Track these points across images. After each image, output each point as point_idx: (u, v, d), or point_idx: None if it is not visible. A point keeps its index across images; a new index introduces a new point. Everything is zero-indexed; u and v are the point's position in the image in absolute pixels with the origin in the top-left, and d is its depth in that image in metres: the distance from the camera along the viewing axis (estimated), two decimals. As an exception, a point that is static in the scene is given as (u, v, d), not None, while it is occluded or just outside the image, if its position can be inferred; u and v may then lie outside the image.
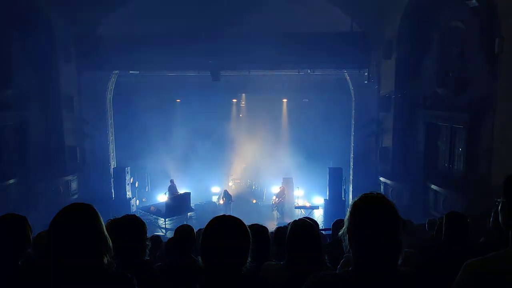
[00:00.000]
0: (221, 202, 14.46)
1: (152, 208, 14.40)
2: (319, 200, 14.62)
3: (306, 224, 2.71)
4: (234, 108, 17.67)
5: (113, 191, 14.30)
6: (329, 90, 14.34)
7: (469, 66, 9.91)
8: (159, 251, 4.94)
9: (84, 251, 1.79)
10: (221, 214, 2.02)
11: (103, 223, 1.89)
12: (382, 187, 12.85)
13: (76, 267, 1.77)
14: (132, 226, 2.77)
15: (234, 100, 17.55)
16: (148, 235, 2.96)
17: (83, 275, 1.78)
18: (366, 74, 13.26)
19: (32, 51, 12.12)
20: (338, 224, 4.47)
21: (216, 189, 16.24)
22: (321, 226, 9.01)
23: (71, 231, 1.79)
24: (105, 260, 1.86)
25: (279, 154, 15.64)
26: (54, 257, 1.79)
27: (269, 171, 15.98)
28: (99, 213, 1.90)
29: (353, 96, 14.28)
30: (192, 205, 14.29)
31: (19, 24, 11.71)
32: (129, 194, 14.34)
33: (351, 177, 14.46)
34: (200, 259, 1.82)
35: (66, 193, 12.83)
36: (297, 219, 2.83)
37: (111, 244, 1.91)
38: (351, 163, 14.56)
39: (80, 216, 1.83)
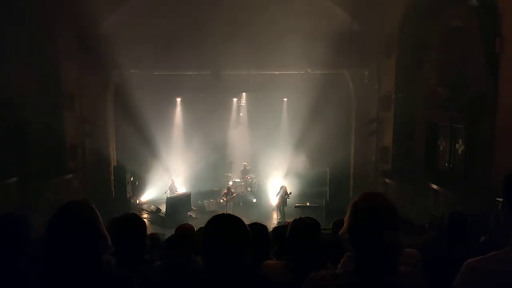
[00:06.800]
0: (222, 200, 14.47)
1: (152, 207, 14.41)
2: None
3: (306, 224, 2.71)
4: (234, 107, 17.67)
5: (113, 190, 14.30)
6: (329, 90, 14.32)
7: (470, 66, 9.91)
8: (158, 249, 4.93)
9: (82, 249, 1.78)
10: (221, 213, 2.03)
11: (101, 219, 1.89)
12: (382, 187, 12.84)
13: (75, 265, 1.77)
14: (132, 225, 2.77)
15: (235, 99, 17.55)
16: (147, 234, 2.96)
17: (82, 273, 1.78)
18: (366, 73, 13.25)
19: (33, 50, 12.12)
20: (338, 223, 4.47)
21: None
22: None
23: (69, 228, 1.78)
24: (104, 258, 1.86)
25: (279, 153, 15.63)
26: (52, 255, 1.79)
27: (269, 170, 15.98)
28: (96, 210, 1.90)
29: (353, 95, 14.27)
30: (192, 204, 14.29)
31: (19, 22, 11.70)
32: (129, 193, 14.34)
33: (351, 177, 14.44)
34: (200, 258, 1.82)
35: (66, 192, 12.82)
36: (297, 218, 2.83)
37: (110, 241, 1.91)
38: (351, 163, 14.55)
39: (77, 213, 1.83)
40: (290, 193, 13.78)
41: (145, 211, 14.39)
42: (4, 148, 11.54)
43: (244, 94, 17.39)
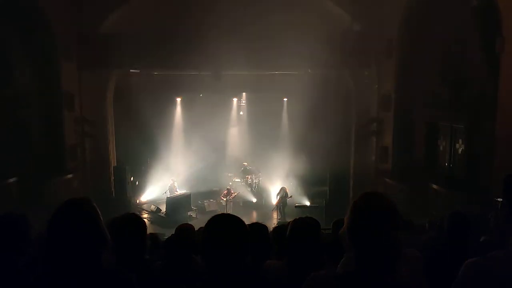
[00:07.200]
0: (222, 200, 14.46)
1: (152, 207, 14.41)
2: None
3: (306, 223, 2.71)
4: (234, 107, 17.67)
5: (113, 190, 14.30)
6: (329, 90, 14.32)
7: (470, 66, 9.91)
8: (158, 249, 4.93)
9: (82, 247, 1.78)
10: (221, 213, 2.03)
11: (101, 217, 1.89)
12: (382, 187, 12.84)
13: (75, 264, 1.77)
14: (132, 225, 2.77)
15: (235, 99, 17.54)
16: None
17: (82, 272, 1.78)
18: (366, 73, 13.25)
19: (33, 50, 12.13)
20: (338, 223, 4.47)
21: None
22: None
23: (69, 226, 1.78)
24: (104, 257, 1.86)
25: (279, 153, 15.63)
26: (53, 252, 1.79)
27: (269, 170, 15.97)
28: (97, 207, 1.90)
29: (353, 95, 14.27)
30: (192, 204, 14.30)
31: (19, 23, 11.71)
32: (129, 193, 14.34)
33: (351, 176, 14.44)
34: (200, 258, 1.82)
35: (66, 192, 12.82)
36: (297, 218, 2.83)
37: (109, 239, 1.91)
38: (351, 163, 14.55)
39: (78, 210, 1.83)
40: (291, 196, 13.82)
41: (145, 211, 14.39)
42: (4, 148, 11.55)
43: (244, 94, 17.39)
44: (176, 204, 13.52)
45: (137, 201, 15.09)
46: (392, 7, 11.84)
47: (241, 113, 17.62)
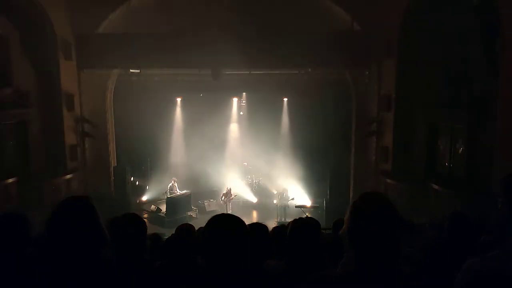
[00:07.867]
0: (222, 201, 14.45)
1: (152, 207, 14.40)
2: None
3: (306, 223, 2.71)
4: (234, 107, 17.65)
5: (113, 190, 14.29)
6: (329, 90, 14.32)
7: (470, 66, 9.91)
8: (158, 249, 4.93)
9: (80, 242, 1.79)
10: (221, 213, 2.03)
11: (99, 214, 1.90)
12: (382, 187, 12.84)
13: (74, 260, 1.77)
14: (132, 225, 2.77)
15: (235, 98, 17.52)
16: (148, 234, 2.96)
17: (81, 271, 1.78)
18: (366, 73, 13.24)
19: (32, 49, 12.14)
20: (338, 223, 4.47)
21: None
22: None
23: (68, 222, 1.79)
24: (104, 256, 1.86)
25: (280, 153, 15.63)
26: (52, 249, 1.79)
27: (269, 170, 15.97)
28: (95, 205, 1.91)
29: (353, 95, 14.27)
30: (192, 204, 14.29)
31: (19, 22, 11.72)
32: (129, 193, 14.33)
33: (351, 177, 14.44)
34: (199, 258, 1.82)
35: (66, 192, 12.83)
36: (297, 218, 2.83)
37: (108, 236, 1.91)
38: (351, 163, 14.55)
39: (76, 207, 1.84)
40: (292, 198, 13.83)
41: (145, 211, 14.39)
42: (4, 148, 11.55)
43: (244, 93, 17.38)
44: (176, 204, 13.52)
45: (137, 201, 15.09)
46: (392, 7, 11.84)
47: (241, 113, 17.60)
